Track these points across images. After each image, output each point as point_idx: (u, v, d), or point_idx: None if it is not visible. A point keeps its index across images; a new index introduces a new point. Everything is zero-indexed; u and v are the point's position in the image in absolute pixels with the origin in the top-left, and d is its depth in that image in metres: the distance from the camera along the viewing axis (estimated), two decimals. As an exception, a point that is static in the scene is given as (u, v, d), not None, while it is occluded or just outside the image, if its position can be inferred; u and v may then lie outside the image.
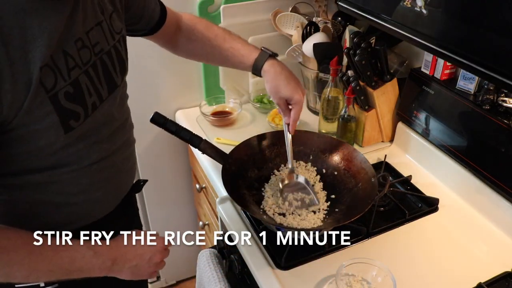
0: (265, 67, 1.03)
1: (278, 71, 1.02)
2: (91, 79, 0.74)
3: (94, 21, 0.76)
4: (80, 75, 0.71)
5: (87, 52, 0.73)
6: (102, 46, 0.78)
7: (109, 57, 0.80)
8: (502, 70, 0.73)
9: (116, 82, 0.82)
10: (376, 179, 0.99)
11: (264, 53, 1.04)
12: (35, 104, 0.64)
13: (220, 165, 1.03)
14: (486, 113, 1.00)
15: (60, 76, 0.67)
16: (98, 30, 0.77)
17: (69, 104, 0.69)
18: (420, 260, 0.96)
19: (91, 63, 0.74)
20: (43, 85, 0.64)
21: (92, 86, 0.74)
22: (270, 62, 1.03)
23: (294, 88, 1.01)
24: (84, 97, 0.72)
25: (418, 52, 1.24)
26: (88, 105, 0.74)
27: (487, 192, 1.03)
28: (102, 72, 0.78)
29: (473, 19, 0.78)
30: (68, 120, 0.70)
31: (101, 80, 0.77)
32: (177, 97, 1.55)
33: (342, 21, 1.41)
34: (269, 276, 0.91)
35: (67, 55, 0.68)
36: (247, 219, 1.05)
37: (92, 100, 0.74)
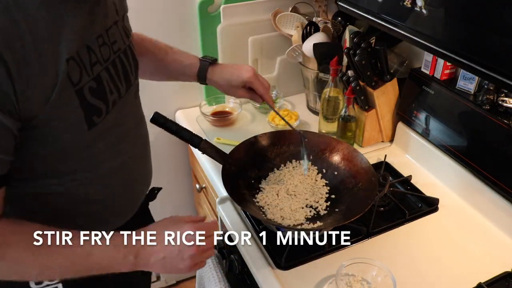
0: (208, 75, 1.08)
1: (219, 72, 1.08)
2: (111, 76, 0.75)
3: (112, 20, 0.78)
4: (102, 71, 0.72)
5: (107, 49, 0.74)
6: (119, 45, 0.79)
7: (126, 56, 0.81)
8: (502, 70, 0.73)
9: (131, 81, 0.84)
10: (376, 179, 0.99)
11: (204, 62, 1.08)
12: (63, 98, 0.64)
13: (220, 165, 1.03)
14: (486, 113, 1.00)
15: (84, 70, 0.68)
16: (115, 29, 0.78)
17: (93, 100, 0.70)
18: (420, 260, 0.96)
19: (110, 60, 0.75)
20: (70, 79, 0.64)
21: (112, 82, 0.75)
22: (211, 69, 1.08)
23: (239, 73, 1.06)
24: (106, 93, 0.73)
25: (418, 52, 1.24)
26: (110, 101, 0.74)
27: (487, 192, 1.03)
28: (121, 70, 0.79)
29: (473, 19, 0.78)
30: (92, 116, 0.70)
31: (120, 78, 0.79)
32: (177, 97, 1.55)
33: (342, 21, 1.41)
34: (269, 276, 0.91)
35: (90, 50, 0.69)
36: (247, 219, 1.05)
37: (112, 97, 0.75)
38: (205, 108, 1.47)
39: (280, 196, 1.04)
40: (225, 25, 1.40)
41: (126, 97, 0.81)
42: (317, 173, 1.10)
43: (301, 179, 1.08)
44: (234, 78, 1.07)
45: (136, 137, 0.88)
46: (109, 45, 0.75)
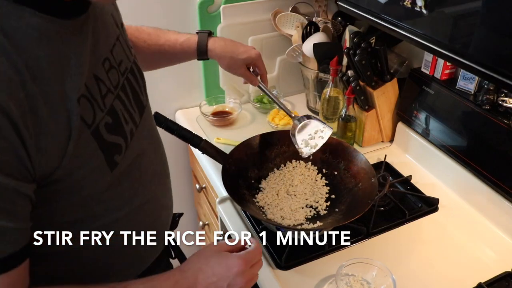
0: (210, 47, 1.00)
1: (222, 45, 1.01)
2: (123, 103, 0.65)
3: (114, 36, 0.67)
4: (114, 101, 0.63)
5: (115, 73, 0.65)
6: (126, 64, 0.69)
7: (133, 76, 0.72)
8: (502, 70, 0.73)
9: (143, 102, 0.74)
10: (376, 179, 0.99)
11: (202, 34, 1.01)
12: (79, 144, 0.55)
13: (220, 165, 1.03)
14: (486, 113, 1.00)
15: (97, 106, 0.58)
16: (119, 46, 0.68)
17: (111, 137, 0.61)
18: (420, 260, 0.96)
19: (120, 85, 0.65)
20: (83, 120, 0.55)
21: (126, 111, 0.66)
22: (212, 41, 1.01)
23: (246, 49, 1.01)
24: (122, 126, 0.64)
25: (418, 52, 1.24)
26: (127, 133, 0.65)
27: (487, 192, 1.03)
28: (131, 94, 0.69)
29: (473, 19, 0.78)
30: (113, 156, 0.61)
31: (132, 103, 0.69)
32: (177, 97, 1.55)
33: (342, 21, 1.41)
34: (269, 276, 0.91)
35: (98, 80, 0.59)
36: (247, 219, 1.05)
37: (129, 127, 0.66)
38: (205, 108, 1.47)
39: (280, 196, 1.04)
40: (225, 25, 1.40)
41: (142, 123, 0.71)
42: (317, 173, 1.10)
43: (301, 179, 1.08)
44: (241, 53, 1.00)
45: (157, 163, 0.78)
46: (116, 67, 0.65)
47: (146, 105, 0.76)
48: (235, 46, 1.01)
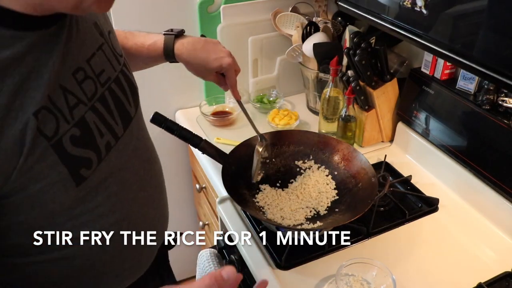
0: (176, 51, 0.93)
1: (191, 49, 0.93)
2: (100, 115, 0.62)
3: (94, 45, 0.65)
4: (87, 112, 0.60)
5: (91, 83, 0.62)
6: (109, 74, 0.66)
7: (119, 85, 0.68)
8: (502, 70, 0.73)
9: (130, 114, 0.70)
10: (376, 179, 0.99)
11: (168, 36, 0.93)
12: (34, 158, 0.52)
13: (220, 165, 1.03)
14: (486, 113, 1.00)
15: (62, 118, 0.56)
16: (101, 56, 0.65)
17: (77, 150, 0.58)
18: (420, 260, 0.96)
19: (97, 96, 0.63)
20: (42, 133, 0.53)
21: (103, 123, 0.63)
22: (179, 43, 0.93)
23: (218, 56, 0.92)
24: (94, 139, 0.61)
25: (418, 52, 1.24)
26: (101, 147, 0.62)
27: (487, 192, 1.03)
28: (113, 105, 0.66)
29: (473, 19, 0.78)
30: (79, 169, 0.58)
31: (114, 115, 0.65)
32: (177, 97, 1.55)
33: (342, 21, 1.41)
34: (269, 276, 0.91)
35: (65, 91, 0.57)
36: (247, 219, 1.05)
37: (104, 140, 0.63)
38: (205, 108, 1.47)
39: (281, 196, 1.04)
40: (225, 25, 1.40)
41: (126, 136, 0.68)
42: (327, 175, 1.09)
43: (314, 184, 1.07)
44: (212, 60, 0.92)
45: (146, 178, 0.74)
46: (93, 78, 0.62)
47: (134, 117, 0.72)
48: (206, 51, 0.93)
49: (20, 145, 0.51)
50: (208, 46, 0.94)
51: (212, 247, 1.17)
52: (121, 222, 0.68)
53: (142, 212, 0.74)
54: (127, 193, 0.69)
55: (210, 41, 0.96)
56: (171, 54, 0.94)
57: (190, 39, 0.94)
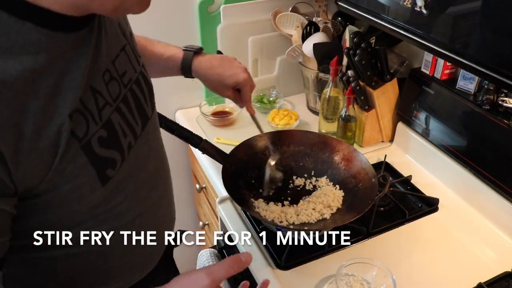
0: (194, 67, 0.96)
1: (208, 66, 0.96)
2: (123, 116, 0.63)
3: (118, 46, 0.65)
4: (112, 113, 0.61)
5: (116, 85, 0.63)
6: (130, 75, 0.67)
7: (139, 87, 0.69)
8: (502, 70, 0.73)
9: (147, 114, 0.71)
10: (376, 179, 0.99)
11: (188, 52, 0.96)
12: (67, 159, 0.54)
13: (220, 165, 1.03)
14: (486, 113, 1.00)
15: (91, 119, 0.57)
16: (124, 57, 0.66)
17: (104, 151, 0.59)
18: (420, 260, 0.96)
19: (121, 97, 0.63)
20: (74, 134, 0.54)
21: (126, 124, 0.64)
22: (197, 60, 0.96)
23: (233, 72, 0.95)
24: (119, 139, 0.62)
25: (418, 52, 1.24)
26: (124, 147, 0.63)
27: (487, 192, 1.03)
28: (134, 105, 0.67)
29: (473, 19, 0.78)
30: (105, 170, 0.59)
31: (135, 115, 0.66)
32: (177, 97, 1.55)
33: (342, 21, 1.41)
34: (269, 276, 0.91)
35: (95, 93, 0.58)
36: (247, 219, 1.05)
37: (127, 140, 0.64)
38: (205, 108, 1.47)
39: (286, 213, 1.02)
40: (225, 25, 1.40)
41: (143, 136, 0.69)
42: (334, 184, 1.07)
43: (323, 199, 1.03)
44: (228, 76, 0.95)
45: (158, 177, 0.76)
46: (117, 79, 0.63)
47: (151, 117, 0.73)
48: (222, 67, 0.96)
49: (55, 146, 0.52)
50: (224, 62, 0.97)
51: (212, 247, 1.17)
52: (135, 220, 0.70)
53: (154, 209, 0.75)
54: (141, 192, 0.70)
55: (226, 58, 0.99)
56: (188, 70, 0.97)
57: (207, 57, 0.98)
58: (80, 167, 0.56)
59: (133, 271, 0.75)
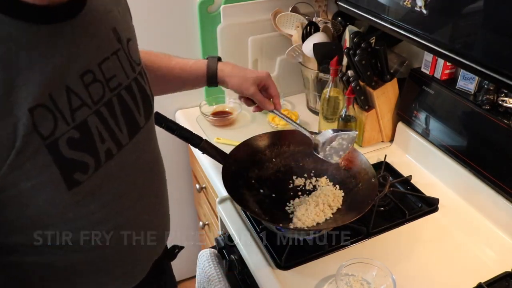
0: (219, 71, 1.00)
1: (230, 67, 1.01)
2: (104, 120, 0.61)
3: (109, 50, 0.64)
4: (90, 116, 0.59)
5: (99, 87, 0.61)
6: (120, 80, 0.65)
7: (130, 93, 0.67)
8: (502, 70, 0.73)
9: (138, 124, 0.69)
10: (376, 179, 0.99)
11: (212, 58, 1.02)
12: (26, 155, 0.52)
13: (220, 165, 1.03)
14: (486, 113, 1.00)
15: (61, 118, 0.55)
16: (114, 61, 0.64)
17: (73, 153, 0.57)
18: (420, 260, 0.96)
19: (104, 100, 0.61)
20: (37, 131, 0.52)
21: (106, 129, 0.62)
22: (221, 64, 1.02)
23: (253, 70, 1.03)
24: (94, 143, 0.60)
25: (418, 52, 1.24)
26: (100, 153, 0.61)
27: (487, 192, 1.03)
28: (120, 111, 0.64)
29: (473, 19, 0.78)
30: (73, 173, 0.57)
31: (119, 122, 0.64)
32: (177, 97, 1.53)
33: (342, 21, 1.41)
34: (269, 276, 0.91)
35: (70, 92, 0.56)
36: (247, 219, 1.05)
37: (105, 146, 0.61)
38: (205, 108, 1.47)
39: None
40: (225, 25, 1.40)
41: (131, 146, 0.67)
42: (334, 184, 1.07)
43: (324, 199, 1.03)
44: (249, 72, 1.01)
45: (148, 185, 0.74)
46: (102, 81, 0.61)
47: (144, 127, 0.70)
48: (243, 68, 1.02)
49: (11, 140, 0.50)
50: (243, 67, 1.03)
51: (212, 247, 1.17)
52: (119, 228, 0.68)
53: (141, 219, 0.73)
54: (124, 202, 0.68)
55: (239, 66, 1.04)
56: (214, 73, 1.00)
57: (229, 62, 1.04)
58: (42, 166, 0.54)
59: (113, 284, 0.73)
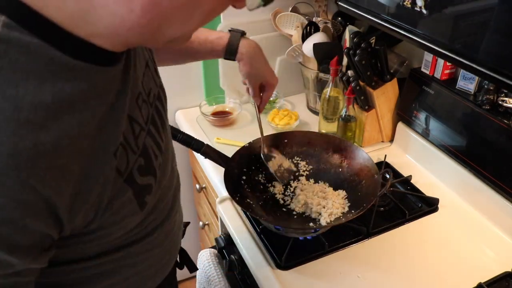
0: (241, 49, 0.94)
1: (256, 53, 0.96)
2: (153, 138, 0.60)
3: (143, 63, 0.61)
4: (146, 138, 0.58)
5: (146, 107, 0.58)
6: (154, 91, 0.63)
7: (160, 101, 0.66)
8: (502, 70, 0.73)
9: (166, 124, 0.68)
10: (379, 176, 0.99)
11: (235, 34, 0.94)
12: (113, 195, 0.51)
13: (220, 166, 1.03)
14: (486, 113, 1.00)
15: (130, 150, 0.53)
16: (148, 74, 0.62)
17: (143, 179, 0.56)
18: (420, 260, 0.96)
19: (150, 118, 0.60)
20: (118, 170, 0.51)
21: (156, 145, 0.61)
22: (245, 43, 0.94)
23: (271, 71, 1.00)
24: (153, 163, 0.59)
25: (418, 52, 1.24)
26: (157, 170, 0.60)
27: (487, 192, 1.03)
28: (159, 122, 0.64)
29: (473, 18, 0.78)
30: (144, 197, 0.57)
31: (160, 132, 0.63)
32: (177, 97, 1.55)
33: (342, 21, 1.41)
34: (269, 276, 0.91)
35: (132, 121, 0.54)
36: (247, 219, 1.05)
37: (158, 162, 0.61)
38: (205, 108, 1.47)
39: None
40: (225, 25, 1.40)
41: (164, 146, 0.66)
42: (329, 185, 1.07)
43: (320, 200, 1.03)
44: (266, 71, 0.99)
45: (175, 183, 0.76)
46: (146, 100, 0.59)
47: (167, 127, 0.70)
48: (264, 61, 0.99)
49: (102, 187, 0.49)
50: (262, 57, 0.99)
51: (212, 247, 1.17)
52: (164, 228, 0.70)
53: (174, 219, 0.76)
54: (167, 206, 0.70)
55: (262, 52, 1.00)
56: (233, 52, 0.94)
57: (252, 42, 0.97)
58: (126, 200, 0.53)
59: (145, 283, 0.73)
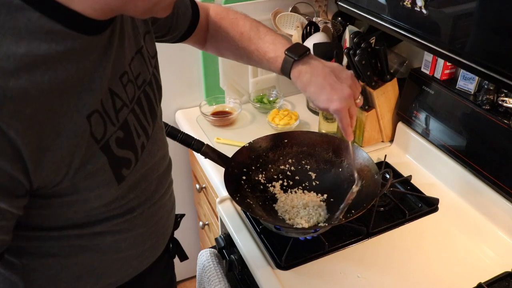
0: (292, 77, 0.86)
1: (305, 82, 0.83)
2: (137, 117, 0.65)
3: (135, 49, 0.67)
4: (128, 115, 0.63)
5: (131, 87, 0.64)
6: (144, 76, 0.69)
7: (151, 88, 0.71)
8: (502, 70, 0.73)
9: (156, 113, 0.73)
10: (380, 176, 0.99)
11: (288, 59, 0.84)
12: (86, 159, 0.55)
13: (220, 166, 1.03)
14: (486, 113, 1.00)
15: (109, 120, 0.58)
16: (139, 59, 0.68)
17: (121, 151, 0.61)
18: (420, 260, 0.96)
19: (135, 99, 0.65)
20: (93, 136, 0.55)
21: (139, 125, 0.66)
22: (296, 70, 0.84)
23: (329, 97, 0.81)
24: (133, 140, 0.64)
25: (418, 52, 1.24)
26: (138, 147, 0.65)
27: (487, 192, 1.03)
28: (147, 107, 0.69)
29: (473, 18, 0.78)
30: (121, 170, 0.62)
31: (147, 116, 0.69)
32: (177, 97, 1.55)
33: (342, 21, 1.41)
34: (269, 276, 0.91)
35: (113, 95, 0.59)
36: (247, 219, 1.05)
37: (140, 141, 0.66)
38: (205, 108, 1.47)
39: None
40: (225, 25, 1.40)
41: (153, 135, 0.71)
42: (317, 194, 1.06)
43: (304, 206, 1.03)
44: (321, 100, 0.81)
45: (163, 169, 0.78)
46: (133, 81, 0.65)
47: (158, 114, 0.75)
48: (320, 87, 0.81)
49: (74, 145, 0.53)
50: (326, 81, 0.81)
51: (212, 247, 1.17)
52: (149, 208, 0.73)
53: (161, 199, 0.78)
54: (151, 187, 0.73)
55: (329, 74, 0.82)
56: (287, 75, 0.87)
57: (310, 68, 0.83)
58: (99, 167, 0.57)
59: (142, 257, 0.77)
